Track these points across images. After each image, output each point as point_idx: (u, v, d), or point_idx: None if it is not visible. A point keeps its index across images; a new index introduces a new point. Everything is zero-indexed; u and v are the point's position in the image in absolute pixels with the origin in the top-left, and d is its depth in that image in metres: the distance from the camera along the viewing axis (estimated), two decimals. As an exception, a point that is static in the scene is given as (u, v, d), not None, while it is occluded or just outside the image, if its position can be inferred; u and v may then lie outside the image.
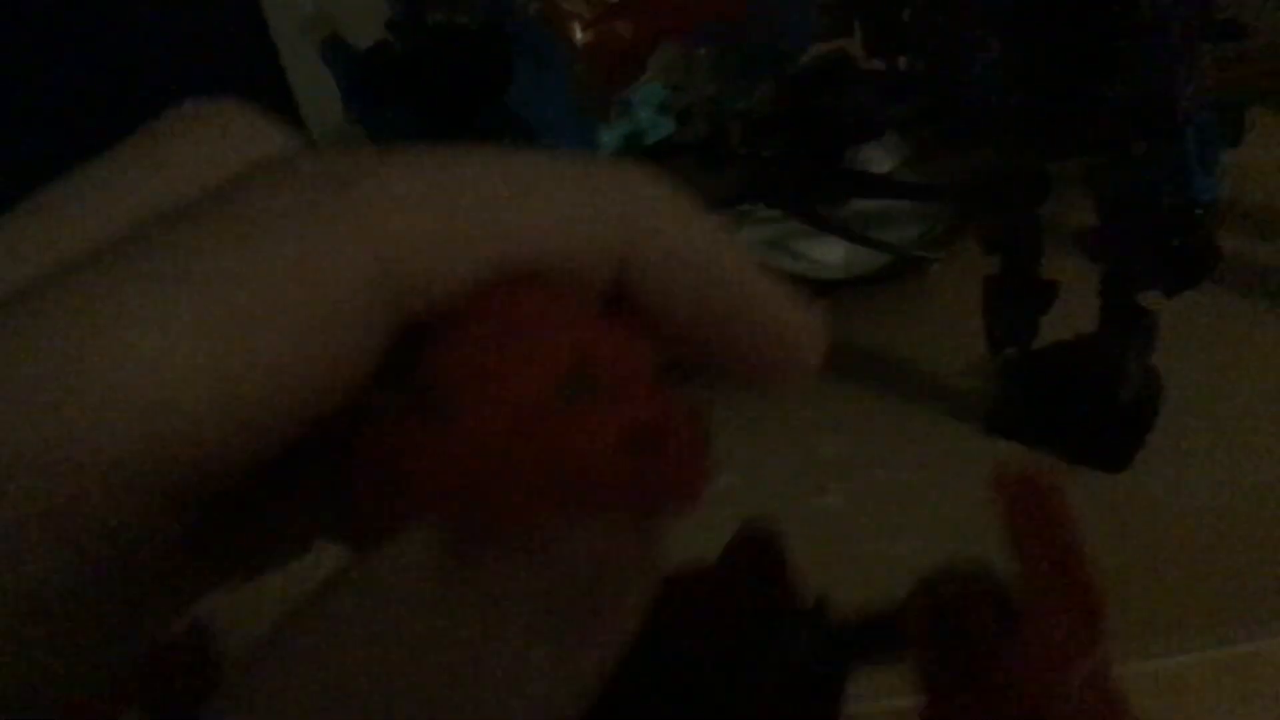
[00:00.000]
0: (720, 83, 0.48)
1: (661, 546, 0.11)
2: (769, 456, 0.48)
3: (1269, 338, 0.50)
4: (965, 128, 0.42)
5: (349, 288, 0.11)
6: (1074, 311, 0.44)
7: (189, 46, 0.44)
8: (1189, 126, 0.36)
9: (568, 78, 0.39)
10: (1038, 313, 0.44)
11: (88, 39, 0.41)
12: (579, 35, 0.65)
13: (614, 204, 0.12)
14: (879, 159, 0.58)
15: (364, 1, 0.41)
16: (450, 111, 0.33)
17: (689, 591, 0.13)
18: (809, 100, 0.55)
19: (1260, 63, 0.49)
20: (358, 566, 0.10)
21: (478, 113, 0.34)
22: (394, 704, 0.10)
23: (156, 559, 0.11)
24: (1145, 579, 0.41)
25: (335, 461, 0.11)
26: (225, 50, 0.46)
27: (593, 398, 0.10)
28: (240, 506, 0.12)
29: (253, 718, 0.10)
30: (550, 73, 0.36)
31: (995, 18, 0.37)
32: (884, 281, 0.53)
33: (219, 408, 0.10)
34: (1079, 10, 0.35)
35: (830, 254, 0.54)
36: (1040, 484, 0.13)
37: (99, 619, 0.11)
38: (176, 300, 0.10)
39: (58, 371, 0.10)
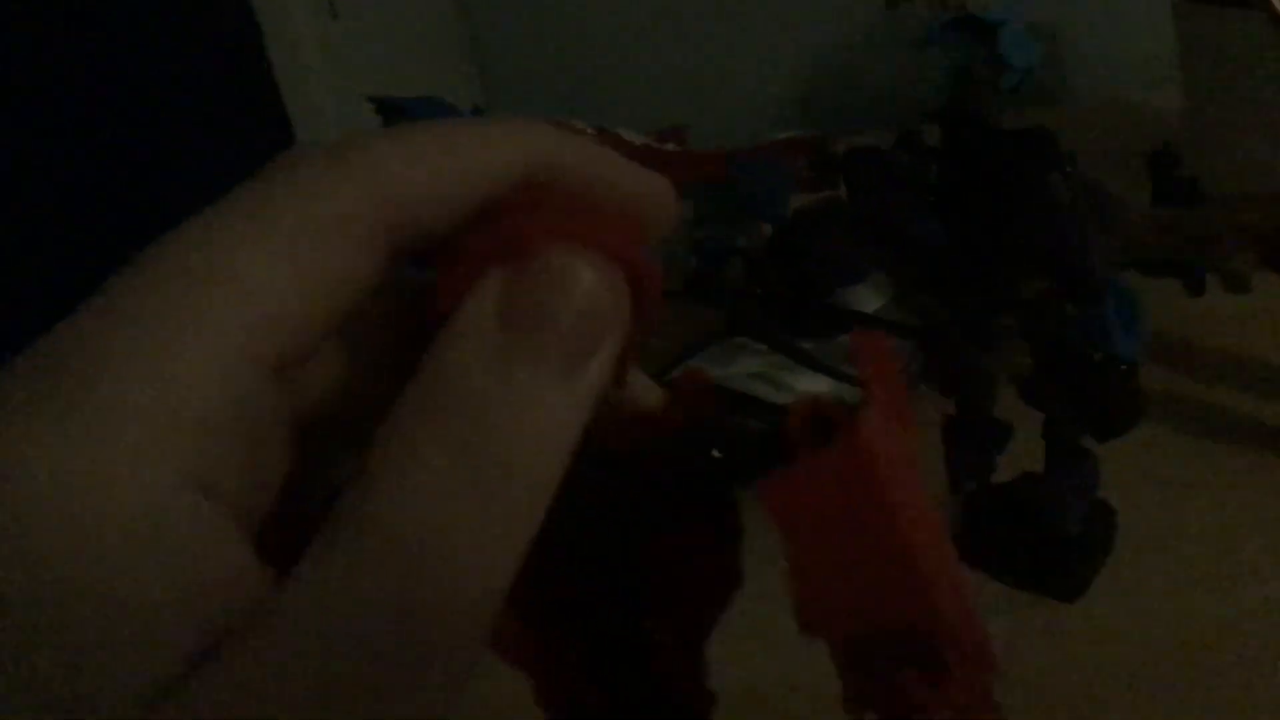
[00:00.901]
0: (707, 229, 0.53)
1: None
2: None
3: (1225, 476, 0.52)
4: (917, 280, 0.46)
5: (358, 222, 0.17)
6: (1038, 448, 0.48)
7: (225, 167, 0.49)
8: (1106, 291, 0.40)
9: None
10: (994, 452, 0.47)
11: (130, 167, 0.47)
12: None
13: (524, 137, 0.18)
14: (866, 298, 0.63)
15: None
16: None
17: (634, 421, 0.19)
18: (800, 242, 0.60)
19: (1216, 222, 0.53)
20: (452, 319, 0.16)
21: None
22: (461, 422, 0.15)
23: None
24: (1097, 707, 0.43)
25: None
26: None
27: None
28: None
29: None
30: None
31: (928, 200, 0.41)
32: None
33: (307, 313, 0.16)
34: (1000, 199, 0.40)
35: (814, 387, 0.58)
36: (883, 344, 0.19)
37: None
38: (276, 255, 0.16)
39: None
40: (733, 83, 0.98)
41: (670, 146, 0.80)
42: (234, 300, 0.16)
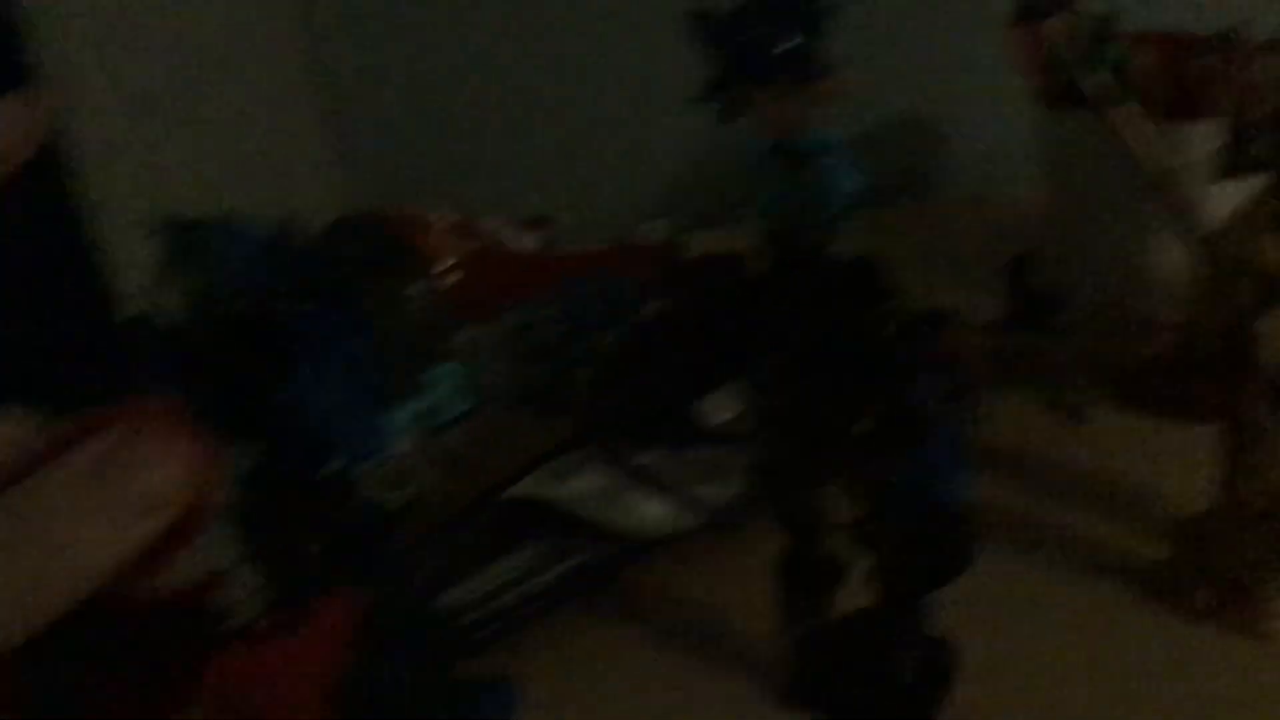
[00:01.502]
0: (539, 337, 0.50)
1: None
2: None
3: (1069, 607, 0.51)
4: (759, 408, 0.44)
5: None
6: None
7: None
8: (931, 434, 0.37)
9: (354, 363, 0.40)
10: (824, 592, 0.44)
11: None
12: (447, 272, 0.67)
13: None
14: (722, 407, 0.60)
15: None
16: (229, 400, 0.34)
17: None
18: (643, 354, 0.58)
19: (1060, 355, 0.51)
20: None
21: (261, 400, 0.35)
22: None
23: None
24: None
25: None
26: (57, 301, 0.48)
27: None
28: None
29: None
30: (335, 361, 0.38)
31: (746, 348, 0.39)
32: (707, 538, 0.54)
33: None
34: (823, 333, 0.37)
35: (657, 509, 0.55)
36: (343, 609, 0.27)
37: None
38: None
39: None
40: (602, 172, 0.96)
41: (534, 237, 0.77)
42: None
